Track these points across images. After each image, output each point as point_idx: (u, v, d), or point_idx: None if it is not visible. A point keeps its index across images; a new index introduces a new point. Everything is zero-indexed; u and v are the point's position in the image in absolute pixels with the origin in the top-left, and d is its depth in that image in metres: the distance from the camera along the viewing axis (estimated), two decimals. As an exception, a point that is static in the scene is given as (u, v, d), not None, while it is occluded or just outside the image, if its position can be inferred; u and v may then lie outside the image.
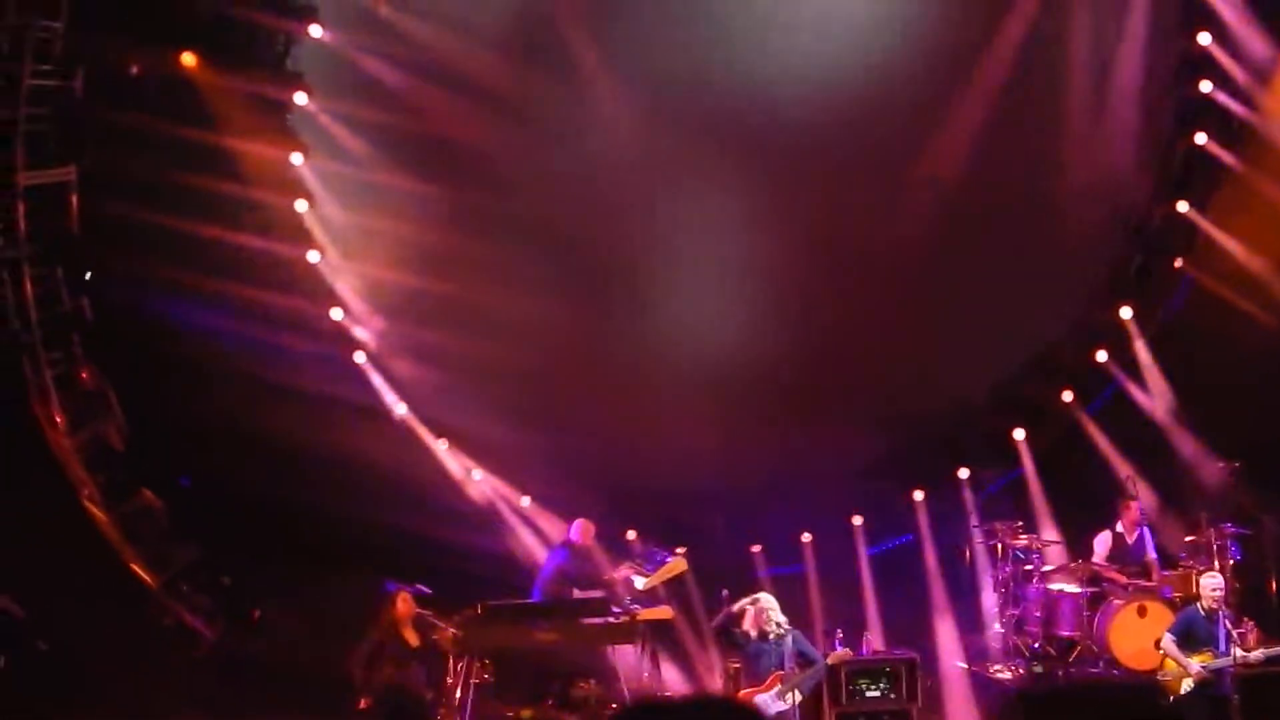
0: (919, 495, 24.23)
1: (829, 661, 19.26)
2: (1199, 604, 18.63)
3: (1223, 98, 23.44)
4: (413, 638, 19.51)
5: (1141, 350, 24.02)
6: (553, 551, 22.10)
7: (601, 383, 23.54)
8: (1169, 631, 18.62)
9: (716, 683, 21.16)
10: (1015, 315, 23.78)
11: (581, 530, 21.66)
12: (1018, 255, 23.28)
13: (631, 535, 23.40)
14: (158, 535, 21.79)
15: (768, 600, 19.96)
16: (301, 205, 22.80)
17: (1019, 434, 24.16)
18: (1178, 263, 24.05)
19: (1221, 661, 18.19)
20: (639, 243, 23.54)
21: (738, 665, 19.77)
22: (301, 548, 21.99)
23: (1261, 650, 18.88)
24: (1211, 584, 18.71)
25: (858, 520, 24.15)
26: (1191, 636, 18.32)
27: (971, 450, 24.40)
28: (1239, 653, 18.35)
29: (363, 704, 18.97)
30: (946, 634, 22.77)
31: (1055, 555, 22.36)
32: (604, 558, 22.23)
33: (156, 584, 21.57)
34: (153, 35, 21.63)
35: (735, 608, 19.59)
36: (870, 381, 23.47)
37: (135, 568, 21.41)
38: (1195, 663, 18.24)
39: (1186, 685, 18.24)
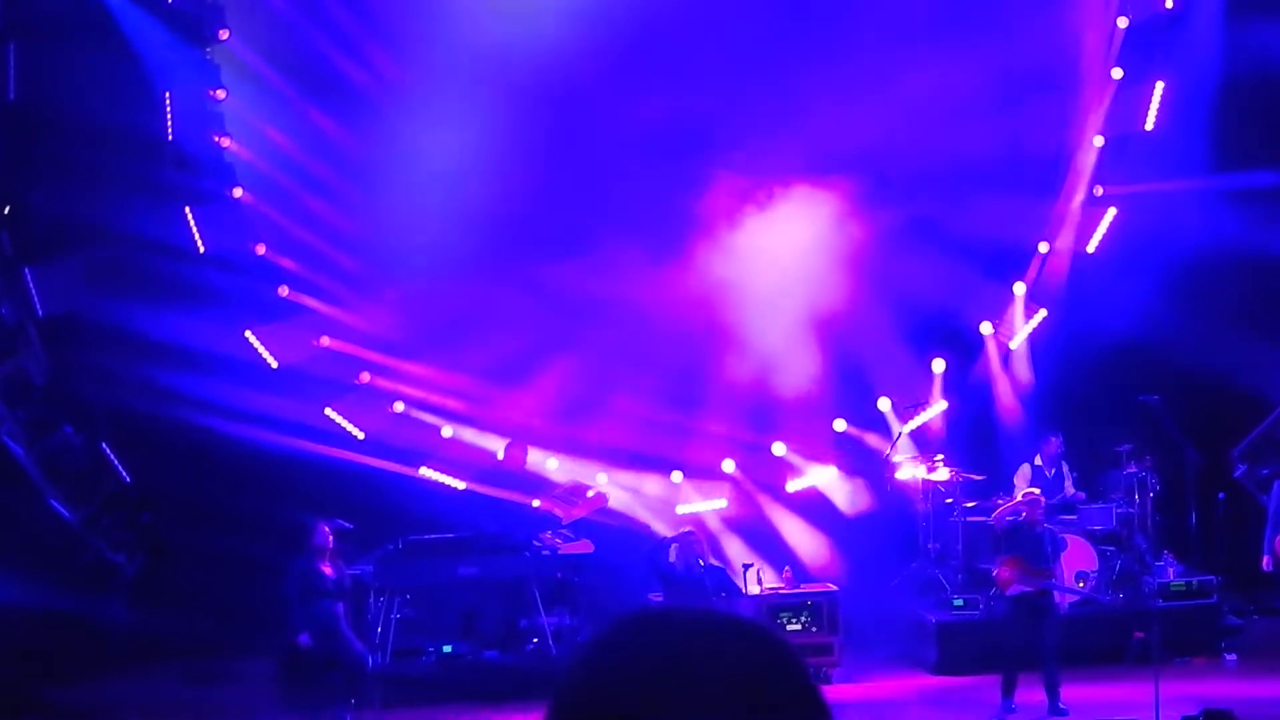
0: (840, 425, 24.19)
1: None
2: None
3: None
4: (330, 570, 19.40)
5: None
6: None
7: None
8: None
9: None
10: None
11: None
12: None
13: (554, 464, 23.29)
14: (78, 471, 21.69)
15: (694, 535, 20.17)
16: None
17: (938, 366, 24.09)
18: (1098, 190, 24.00)
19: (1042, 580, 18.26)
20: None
21: (659, 598, 19.87)
22: (223, 482, 21.91)
23: (1085, 585, 19.47)
24: (1028, 496, 18.91)
25: (780, 449, 24.05)
26: (1017, 546, 18.33)
27: (891, 383, 24.32)
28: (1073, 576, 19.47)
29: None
30: (869, 567, 22.83)
31: (977, 489, 22.49)
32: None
33: (77, 520, 21.48)
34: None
35: (666, 540, 19.74)
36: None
37: (55, 503, 21.31)
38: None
39: None
